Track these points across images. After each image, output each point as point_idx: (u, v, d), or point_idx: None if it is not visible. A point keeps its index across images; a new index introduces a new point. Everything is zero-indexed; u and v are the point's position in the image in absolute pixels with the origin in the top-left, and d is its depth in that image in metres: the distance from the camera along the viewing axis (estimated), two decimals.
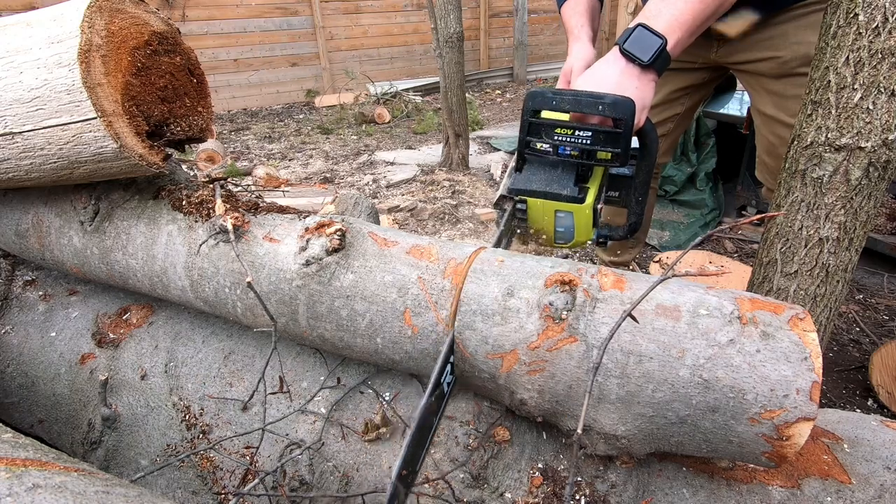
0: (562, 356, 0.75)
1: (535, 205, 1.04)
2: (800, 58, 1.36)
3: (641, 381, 0.72)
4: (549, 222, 1.06)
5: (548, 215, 1.04)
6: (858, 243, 1.14)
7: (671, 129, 1.74)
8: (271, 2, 6.49)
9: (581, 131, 0.95)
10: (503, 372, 0.79)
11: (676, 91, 1.66)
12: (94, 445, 1.12)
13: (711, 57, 1.51)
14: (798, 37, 1.36)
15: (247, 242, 0.96)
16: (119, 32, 0.88)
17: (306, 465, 0.95)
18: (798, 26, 1.35)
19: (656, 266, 1.89)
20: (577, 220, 1.04)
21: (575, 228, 1.05)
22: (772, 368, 0.68)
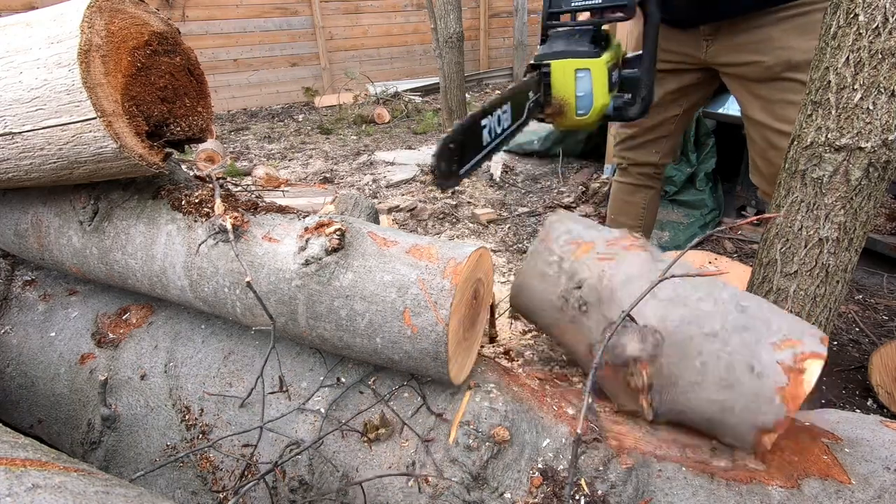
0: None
1: (558, 68, 1.16)
2: (783, 63, 1.39)
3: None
4: (571, 86, 1.17)
5: (569, 77, 1.16)
6: (858, 243, 1.14)
7: (672, 131, 1.76)
8: (271, 2, 6.49)
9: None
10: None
11: (673, 92, 1.69)
12: (93, 445, 1.12)
13: (701, 57, 1.55)
14: (782, 41, 1.38)
15: (246, 242, 0.96)
16: (119, 32, 0.88)
17: (306, 465, 0.95)
18: (783, 30, 1.38)
19: None
20: (594, 79, 1.15)
21: (593, 89, 1.16)
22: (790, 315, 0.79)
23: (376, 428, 0.93)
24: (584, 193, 3.53)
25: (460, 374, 0.93)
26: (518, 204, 3.53)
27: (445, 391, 0.97)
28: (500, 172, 4.06)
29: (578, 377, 1.13)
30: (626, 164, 1.90)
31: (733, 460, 0.93)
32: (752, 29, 1.42)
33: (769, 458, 0.94)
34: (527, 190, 3.77)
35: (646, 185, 1.91)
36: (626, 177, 1.94)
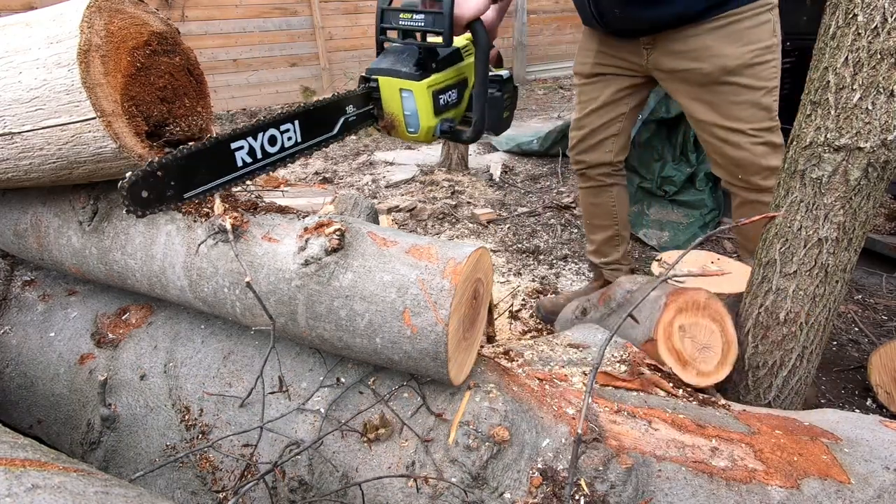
0: None
1: (385, 84, 1.18)
2: (720, 69, 1.49)
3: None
4: (398, 103, 1.19)
5: (395, 95, 1.18)
6: (857, 243, 1.14)
7: (621, 129, 1.85)
8: (271, 2, 6.48)
9: (417, 15, 1.12)
10: None
11: (619, 91, 1.78)
12: (93, 446, 1.12)
13: (643, 64, 1.64)
14: (716, 49, 1.48)
15: (246, 242, 0.96)
16: (118, 32, 0.88)
17: (305, 465, 0.95)
18: (716, 39, 1.47)
19: (656, 265, 1.89)
20: (417, 101, 1.17)
21: (418, 111, 1.18)
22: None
23: (376, 428, 0.93)
24: None
25: (460, 374, 0.93)
26: (518, 204, 3.53)
27: (445, 391, 0.97)
28: (499, 172, 4.06)
29: (579, 377, 1.13)
30: (585, 168, 1.95)
31: (733, 460, 0.93)
32: (687, 38, 1.51)
33: (769, 457, 0.94)
34: (526, 190, 3.78)
35: (608, 185, 1.97)
36: (587, 181, 1.99)
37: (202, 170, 0.90)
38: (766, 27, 1.49)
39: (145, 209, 0.83)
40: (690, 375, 1.18)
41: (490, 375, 1.00)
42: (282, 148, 1.01)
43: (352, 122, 1.16)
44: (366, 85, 1.19)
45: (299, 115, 1.04)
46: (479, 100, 1.23)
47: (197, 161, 0.88)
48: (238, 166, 0.95)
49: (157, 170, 0.83)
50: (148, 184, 0.82)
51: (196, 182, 0.90)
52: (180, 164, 0.86)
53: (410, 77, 1.14)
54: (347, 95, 1.14)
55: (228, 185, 0.95)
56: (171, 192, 0.86)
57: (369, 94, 1.20)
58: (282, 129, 1.01)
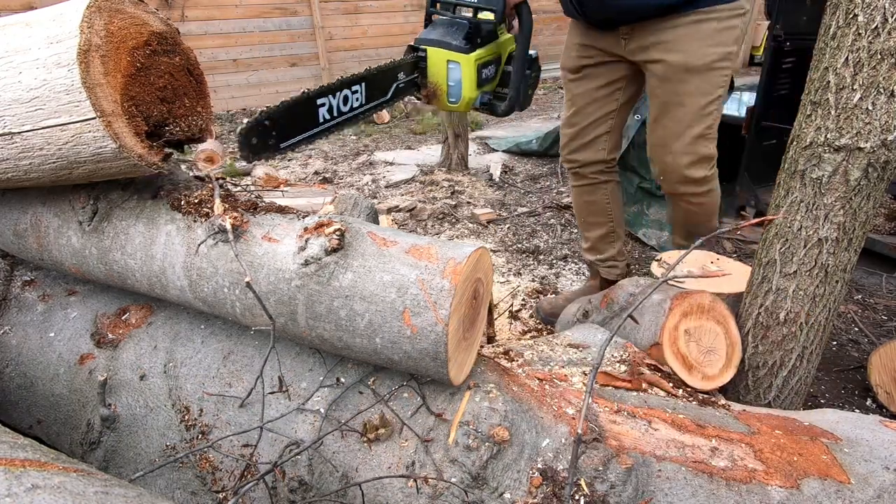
0: None
1: (433, 54, 1.25)
2: (681, 65, 1.53)
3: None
4: (443, 74, 1.27)
5: (441, 66, 1.26)
6: (857, 244, 1.14)
7: (613, 127, 1.85)
8: (271, 2, 6.48)
9: None
10: None
11: (607, 85, 1.78)
12: (92, 446, 1.12)
13: (621, 53, 1.67)
14: (681, 45, 1.52)
15: (245, 242, 0.96)
16: (118, 32, 0.88)
17: (305, 465, 0.95)
18: (682, 34, 1.51)
19: (656, 266, 1.89)
20: (463, 72, 1.25)
21: (462, 82, 1.26)
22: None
23: (376, 428, 0.93)
24: None
25: (460, 374, 0.93)
26: (517, 204, 3.53)
27: (445, 391, 0.97)
28: (499, 172, 4.06)
29: (578, 377, 1.13)
30: (578, 167, 1.95)
31: (733, 460, 0.93)
32: (660, 30, 1.55)
33: (769, 457, 0.94)
34: (526, 190, 3.78)
35: (603, 182, 1.97)
36: (580, 180, 1.99)
37: (295, 123, 1.06)
38: (733, 33, 1.53)
39: (254, 154, 0.98)
40: (696, 379, 1.18)
41: (490, 375, 1.00)
42: (350, 108, 1.14)
43: (401, 88, 1.25)
44: (414, 54, 1.26)
45: (365, 78, 1.16)
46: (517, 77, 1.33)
47: (293, 113, 1.04)
48: (320, 122, 1.10)
49: (265, 119, 0.99)
50: (257, 132, 0.98)
51: (289, 134, 1.05)
52: (280, 115, 1.02)
53: (460, 49, 1.22)
54: (399, 63, 1.23)
55: (312, 139, 1.11)
56: (273, 140, 1.01)
57: (416, 64, 1.27)
58: (352, 90, 1.14)
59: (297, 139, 1.07)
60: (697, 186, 1.72)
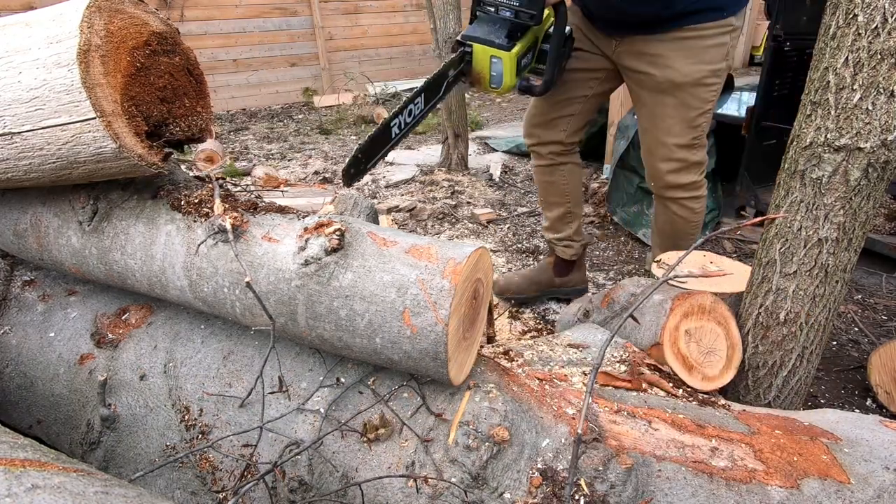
0: None
1: (478, 50, 1.41)
2: (668, 81, 1.58)
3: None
4: (486, 66, 1.43)
5: (485, 60, 1.41)
6: (857, 244, 1.14)
7: (578, 111, 1.89)
8: (270, 2, 6.48)
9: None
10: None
11: (584, 71, 1.81)
12: (92, 446, 1.12)
13: (610, 55, 1.72)
14: (669, 61, 1.56)
15: (245, 242, 0.96)
16: (118, 32, 0.88)
17: (305, 466, 0.95)
18: (671, 50, 1.55)
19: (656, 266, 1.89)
20: (504, 66, 1.41)
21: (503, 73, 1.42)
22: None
23: (376, 428, 0.93)
24: (584, 193, 3.53)
25: (460, 374, 0.93)
26: (517, 204, 3.54)
27: (445, 391, 0.97)
28: (499, 172, 4.06)
29: (578, 377, 1.13)
30: (536, 144, 1.99)
31: (733, 460, 0.93)
32: (651, 43, 1.59)
33: (769, 457, 0.94)
34: (526, 190, 3.78)
35: (560, 163, 2.01)
36: (540, 159, 2.04)
37: (376, 146, 1.25)
38: (721, 50, 1.56)
39: (353, 181, 1.22)
40: (696, 380, 1.18)
41: (490, 375, 1.00)
42: (413, 117, 1.30)
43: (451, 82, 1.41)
44: (461, 49, 1.42)
45: (425, 90, 1.33)
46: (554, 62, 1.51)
47: (376, 141, 1.24)
48: (392, 137, 1.27)
49: (358, 154, 1.20)
50: (354, 165, 1.21)
51: (372, 155, 1.24)
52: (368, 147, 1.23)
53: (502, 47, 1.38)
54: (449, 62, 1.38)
55: (386, 153, 1.30)
56: (363, 165, 1.22)
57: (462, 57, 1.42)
58: (415, 103, 1.31)
59: (377, 157, 1.26)
60: (684, 191, 1.76)
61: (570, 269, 2.26)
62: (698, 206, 1.80)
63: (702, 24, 1.51)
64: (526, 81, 1.52)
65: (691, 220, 1.83)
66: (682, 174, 1.72)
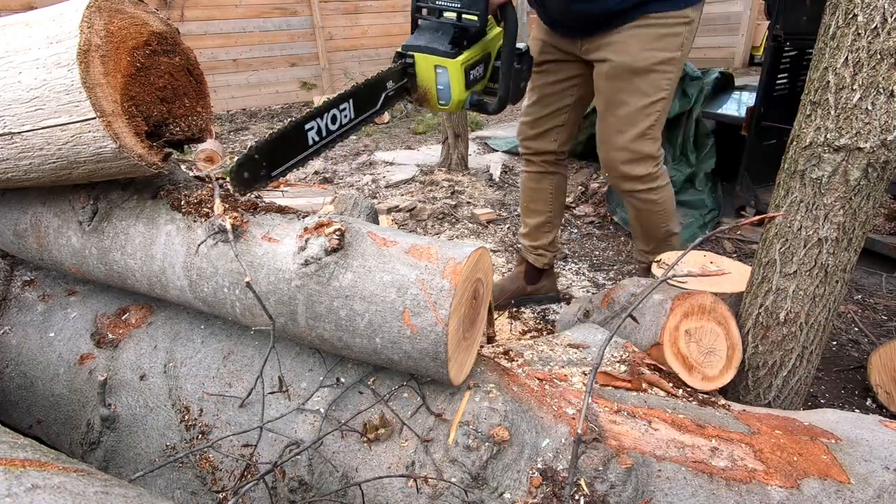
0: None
1: (420, 60, 1.26)
2: (622, 66, 1.61)
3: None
4: (432, 78, 1.28)
5: (430, 71, 1.27)
6: (857, 244, 1.14)
7: (566, 121, 1.95)
8: (270, 2, 6.49)
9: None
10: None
11: (561, 81, 1.87)
12: (92, 446, 1.12)
13: (577, 53, 1.75)
14: (626, 46, 1.60)
15: (245, 242, 0.96)
16: (118, 32, 0.88)
17: (305, 466, 0.95)
18: (629, 37, 1.59)
19: (655, 266, 1.89)
20: (451, 76, 1.26)
21: (450, 86, 1.27)
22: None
23: (376, 428, 0.93)
24: (584, 193, 3.53)
25: (460, 374, 0.93)
26: (517, 204, 3.53)
27: (445, 391, 0.97)
28: (499, 172, 4.07)
29: (578, 377, 1.13)
30: (531, 154, 2.06)
31: (733, 460, 0.93)
32: (611, 34, 1.63)
33: (769, 457, 0.94)
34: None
35: (550, 172, 2.07)
36: (531, 166, 2.10)
37: (285, 151, 1.05)
38: (676, 40, 1.60)
39: (248, 188, 0.97)
40: (696, 380, 1.18)
41: (490, 375, 1.00)
42: (340, 125, 1.15)
43: (391, 96, 1.25)
44: (402, 61, 1.27)
45: (353, 94, 1.15)
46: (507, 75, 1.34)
47: (282, 143, 1.03)
48: (309, 144, 1.09)
49: (254, 153, 0.97)
50: (248, 166, 0.96)
51: (280, 161, 1.04)
52: (270, 147, 1.01)
53: (446, 55, 1.23)
54: (388, 72, 1.23)
55: (302, 162, 1.09)
56: (264, 171, 1.00)
57: (405, 70, 1.28)
58: (340, 109, 1.13)
59: (287, 165, 1.06)
60: (640, 183, 1.78)
61: (540, 276, 2.33)
62: (657, 196, 1.82)
63: (658, 13, 1.56)
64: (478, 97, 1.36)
65: (654, 210, 1.85)
66: (635, 165, 1.74)
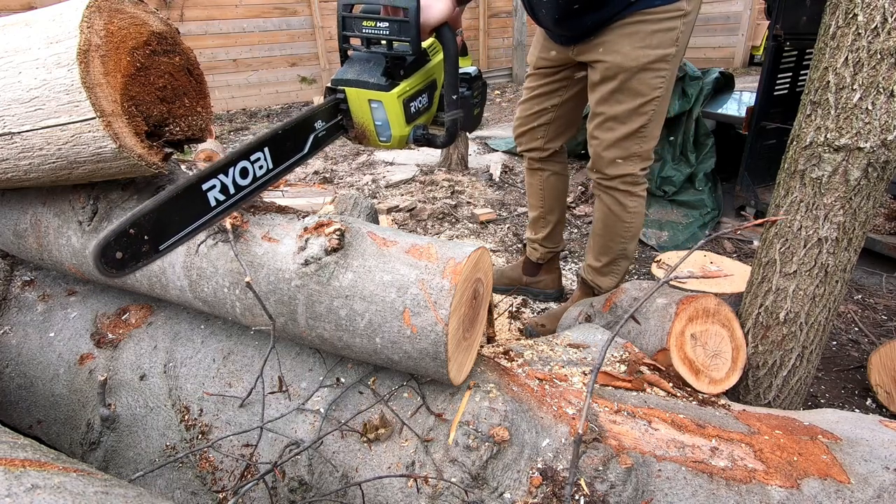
0: None
1: (352, 95, 1.13)
2: (617, 66, 1.59)
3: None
4: (367, 114, 1.15)
5: (364, 106, 1.13)
6: (857, 243, 1.14)
7: (553, 119, 1.97)
8: (270, 2, 6.49)
9: (381, 23, 1.07)
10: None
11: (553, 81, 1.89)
12: (92, 446, 1.12)
13: (570, 56, 1.76)
14: (617, 45, 1.58)
15: (245, 242, 0.96)
16: (118, 32, 0.88)
17: (305, 465, 0.95)
18: (619, 36, 1.57)
19: (655, 266, 1.89)
20: (388, 111, 1.13)
21: (389, 121, 1.14)
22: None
23: (376, 428, 0.93)
24: (584, 193, 3.53)
25: (460, 374, 0.93)
26: (517, 204, 3.53)
27: (445, 391, 0.97)
28: (499, 172, 4.06)
29: (578, 377, 1.13)
30: (522, 150, 2.11)
31: (733, 460, 0.93)
32: (603, 33, 1.61)
33: (769, 457, 0.94)
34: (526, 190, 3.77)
35: (539, 169, 2.11)
36: (526, 162, 2.16)
37: (175, 217, 0.84)
38: (670, 35, 1.55)
39: (122, 270, 0.77)
40: (703, 384, 1.18)
41: (490, 375, 1.00)
42: (254, 178, 0.96)
43: (322, 137, 1.11)
44: (333, 97, 1.14)
45: (268, 142, 0.98)
46: (452, 104, 1.20)
47: (169, 209, 0.83)
48: (212, 206, 0.90)
49: (129, 227, 0.76)
50: (121, 244, 0.76)
51: (170, 231, 0.84)
52: (153, 217, 0.80)
53: (379, 87, 1.10)
54: (314, 111, 1.08)
55: (204, 227, 0.89)
56: (146, 247, 0.80)
57: (337, 106, 1.14)
58: (252, 160, 0.95)
59: (183, 234, 0.86)
60: (624, 184, 1.76)
61: (537, 270, 2.36)
62: (633, 204, 1.79)
63: (649, 8, 1.52)
64: (423, 131, 1.22)
65: (624, 219, 1.82)
66: (624, 164, 1.72)
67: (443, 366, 0.87)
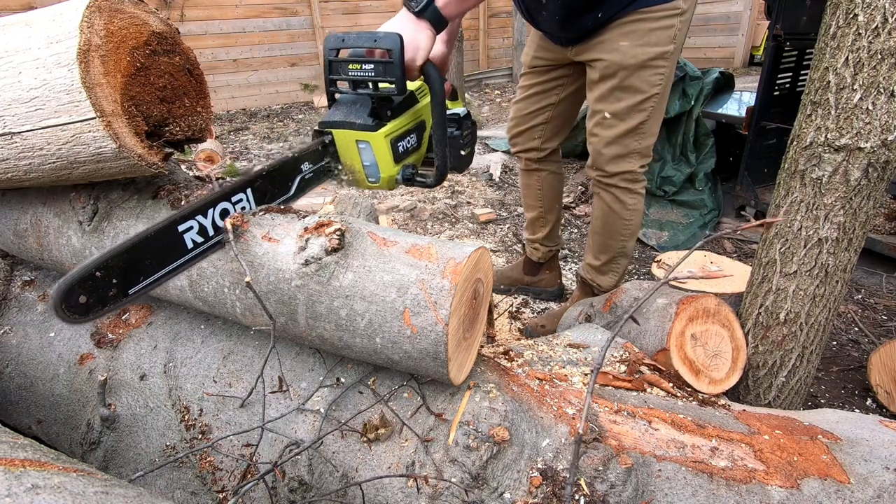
0: None
1: (340, 137, 1.14)
2: (616, 65, 1.60)
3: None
4: (355, 155, 1.16)
5: (352, 147, 1.14)
6: (857, 243, 1.14)
7: (549, 118, 1.97)
8: (270, 2, 6.49)
9: (367, 65, 1.08)
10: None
11: (549, 80, 1.90)
12: (92, 446, 1.12)
13: (568, 56, 1.77)
14: (616, 44, 1.59)
15: (245, 242, 0.96)
16: (118, 32, 0.88)
17: (305, 466, 0.95)
18: (618, 34, 1.58)
19: (655, 266, 1.89)
20: (375, 151, 1.13)
21: (377, 161, 1.15)
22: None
23: (376, 428, 0.93)
24: (584, 193, 3.53)
25: (460, 374, 0.93)
26: (517, 204, 3.53)
27: (445, 391, 0.97)
28: (499, 172, 4.06)
29: (578, 377, 1.13)
30: (518, 151, 2.10)
31: (733, 460, 0.93)
32: (601, 32, 1.63)
33: (769, 457, 0.94)
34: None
35: (536, 169, 2.11)
36: (521, 163, 2.16)
37: (147, 260, 0.80)
38: (668, 33, 1.57)
39: (85, 315, 0.73)
40: (703, 384, 1.18)
41: (490, 375, 1.00)
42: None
43: (309, 178, 1.11)
44: (320, 139, 1.14)
45: (251, 182, 0.97)
46: (440, 144, 1.20)
47: (140, 251, 0.79)
48: (188, 248, 0.86)
49: (95, 270, 0.73)
50: (86, 287, 0.72)
51: (141, 274, 0.80)
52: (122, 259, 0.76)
53: (366, 128, 1.10)
54: (301, 153, 1.09)
55: (178, 271, 0.85)
56: (114, 290, 0.76)
57: (325, 148, 1.15)
58: (234, 200, 0.94)
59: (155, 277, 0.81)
60: (623, 181, 1.77)
61: (538, 269, 2.37)
62: (632, 202, 1.80)
63: (647, 7, 1.54)
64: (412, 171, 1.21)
65: (623, 216, 1.82)
66: (624, 161, 1.72)
67: (443, 366, 0.87)
